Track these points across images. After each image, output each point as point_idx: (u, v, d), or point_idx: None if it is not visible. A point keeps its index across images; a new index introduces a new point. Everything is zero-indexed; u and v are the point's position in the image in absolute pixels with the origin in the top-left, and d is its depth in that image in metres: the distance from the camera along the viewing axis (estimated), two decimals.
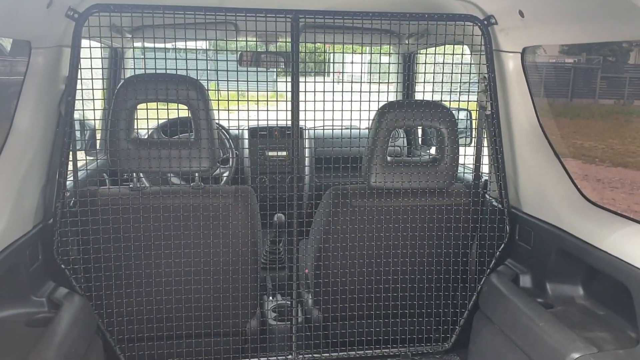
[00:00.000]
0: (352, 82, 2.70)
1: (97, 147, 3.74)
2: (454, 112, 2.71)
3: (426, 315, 2.87)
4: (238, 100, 2.94)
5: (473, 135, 3.08)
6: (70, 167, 2.54)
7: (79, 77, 2.42)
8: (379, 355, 2.84)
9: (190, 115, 2.54)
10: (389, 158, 2.67)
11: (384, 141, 2.64)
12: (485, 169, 2.97)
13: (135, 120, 2.52)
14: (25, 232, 2.33)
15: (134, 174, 2.57)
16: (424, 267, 2.79)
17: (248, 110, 2.58)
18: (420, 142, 4.54)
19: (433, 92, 2.79)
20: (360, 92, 2.59)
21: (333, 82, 2.67)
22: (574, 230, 2.42)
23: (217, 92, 2.84)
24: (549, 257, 2.57)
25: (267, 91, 2.59)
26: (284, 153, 4.21)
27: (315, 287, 2.78)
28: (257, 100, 2.55)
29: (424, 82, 2.72)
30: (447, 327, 2.88)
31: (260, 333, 2.86)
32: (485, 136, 2.89)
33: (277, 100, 2.67)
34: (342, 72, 3.36)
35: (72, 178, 2.55)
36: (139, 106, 2.48)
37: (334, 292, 2.76)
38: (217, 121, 3.73)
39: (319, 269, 2.74)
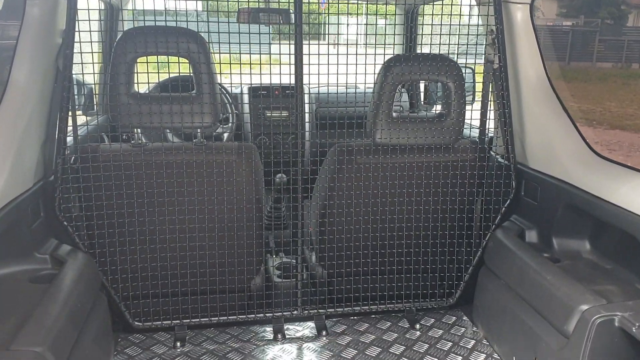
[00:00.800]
0: (355, 43, 2.62)
1: (95, 105, 3.67)
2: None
3: (431, 271, 2.86)
4: (231, 63, 2.86)
5: (476, 92, 3.03)
6: (69, 123, 2.49)
7: (76, 29, 2.35)
8: (383, 310, 2.85)
9: (191, 70, 2.48)
10: (394, 114, 2.63)
11: (390, 96, 2.59)
12: (490, 124, 2.93)
13: (135, 75, 2.46)
14: (26, 189, 2.29)
15: (135, 131, 2.51)
16: (429, 223, 2.77)
17: (251, 71, 2.52)
18: (422, 101, 4.49)
19: (440, 45, 2.72)
20: (365, 53, 2.53)
21: (328, 44, 2.59)
22: (583, 184, 2.40)
23: (213, 46, 2.76)
24: (556, 212, 2.55)
25: (269, 53, 2.53)
26: (285, 113, 4.15)
27: (320, 244, 2.77)
28: (260, 63, 2.49)
29: (431, 34, 2.63)
30: (451, 283, 2.88)
31: (265, 290, 2.85)
32: (491, 91, 2.84)
33: (280, 63, 2.59)
34: (338, 34, 3.27)
35: (71, 135, 2.50)
36: (138, 62, 2.41)
37: (338, 249, 2.74)
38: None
39: (324, 226, 2.72)
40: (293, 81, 2.61)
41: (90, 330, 2.20)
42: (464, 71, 2.68)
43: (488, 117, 2.87)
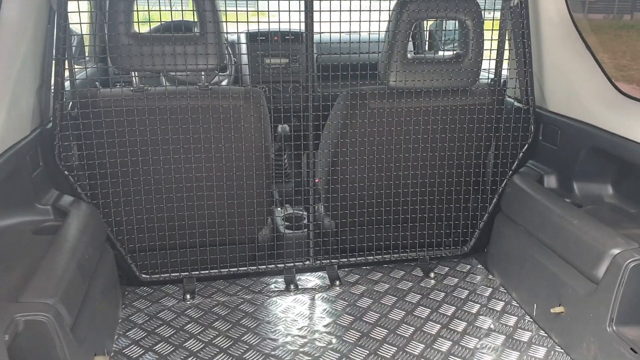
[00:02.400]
0: None
1: (87, 53, 3.49)
2: None
3: (445, 219, 2.78)
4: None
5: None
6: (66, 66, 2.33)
7: None
8: (396, 259, 2.77)
9: (194, 6, 2.32)
10: (409, 55, 2.49)
11: (405, 36, 2.45)
12: (506, 66, 2.80)
13: (136, 13, 2.30)
14: (24, 136, 2.15)
15: (134, 75, 2.36)
16: (444, 170, 2.67)
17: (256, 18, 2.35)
18: (427, 46, 4.32)
19: None
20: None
21: None
22: (608, 126, 2.30)
23: None
24: (578, 156, 2.46)
25: None
26: (285, 60, 3.97)
27: (329, 193, 2.66)
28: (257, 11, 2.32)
29: None
30: (465, 230, 2.80)
31: (272, 241, 2.76)
32: (509, 29, 2.70)
33: (279, 10, 2.41)
34: None
35: (67, 80, 2.35)
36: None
37: (351, 198, 2.64)
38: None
39: (336, 174, 2.61)
40: (295, 27, 2.45)
41: (98, 283, 2.10)
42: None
43: (504, 58, 2.75)
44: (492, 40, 2.68)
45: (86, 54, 3.61)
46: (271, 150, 2.60)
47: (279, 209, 3.16)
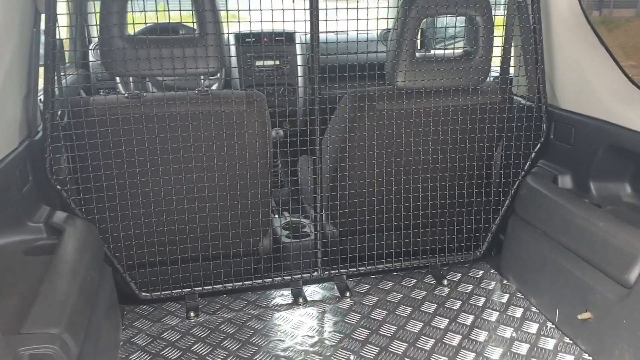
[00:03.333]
0: None
1: (67, 59, 3.32)
2: None
3: (457, 223, 2.68)
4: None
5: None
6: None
7: None
8: (406, 267, 2.66)
9: (193, 6, 2.18)
10: (417, 54, 2.39)
11: (413, 34, 2.34)
12: (513, 63, 2.72)
13: (131, 14, 2.15)
14: (12, 149, 1.99)
15: (118, 81, 2.22)
16: (454, 172, 2.57)
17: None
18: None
19: None
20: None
21: None
22: (627, 122, 2.22)
23: None
24: (594, 155, 2.37)
25: None
26: (277, 62, 3.84)
27: (333, 200, 2.53)
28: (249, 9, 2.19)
29: None
30: (478, 234, 2.70)
31: (276, 252, 2.63)
32: (516, 25, 2.61)
33: (272, 9, 2.27)
34: None
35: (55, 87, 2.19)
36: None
37: (359, 204, 2.52)
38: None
39: (342, 179, 2.49)
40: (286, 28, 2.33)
41: (100, 305, 1.94)
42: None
43: (511, 55, 2.66)
44: (502, 36, 2.60)
45: (66, 60, 3.44)
46: (271, 157, 2.47)
47: (276, 216, 3.03)
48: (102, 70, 3.41)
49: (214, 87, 3.48)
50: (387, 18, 3.94)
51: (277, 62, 3.80)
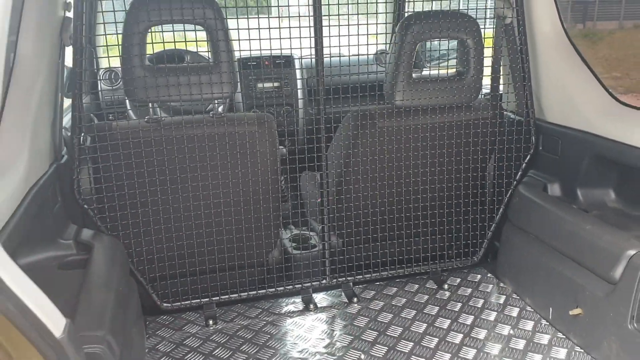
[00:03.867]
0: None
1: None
2: None
3: (455, 230, 2.86)
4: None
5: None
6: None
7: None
8: (410, 273, 2.84)
9: (207, 37, 2.37)
10: (414, 75, 2.58)
11: (409, 56, 2.54)
12: (502, 81, 2.92)
13: (151, 46, 2.34)
14: (44, 171, 2.16)
15: (128, 106, 2.40)
16: (452, 183, 2.76)
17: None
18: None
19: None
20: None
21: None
22: (609, 134, 2.42)
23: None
24: (580, 164, 2.57)
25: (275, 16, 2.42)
26: (276, 84, 4.03)
27: (345, 211, 2.71)
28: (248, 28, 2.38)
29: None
30: (475, 241, 2.88)
31: (286, 262, 2.80)
32: (504, 46, 2.82)
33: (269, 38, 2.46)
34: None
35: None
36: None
37: (363, 215, 2.70)
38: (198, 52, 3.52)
39: (347, 193, 2.67)
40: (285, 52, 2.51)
41: (129, 314, 2.11)
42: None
43: (500, 73, 2.87)
44: (491, 57, 2.81)
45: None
46: (280, 174, 2.65)
47: (283, 230, 3.20)
48: (111, 96, 3.61)
49: (220, 109, 3.68)
50: (376, 43, 4.17)
51: (278, 84, 4.00)
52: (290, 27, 2.41)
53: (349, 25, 2.48)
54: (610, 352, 2.12)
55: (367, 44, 2.51)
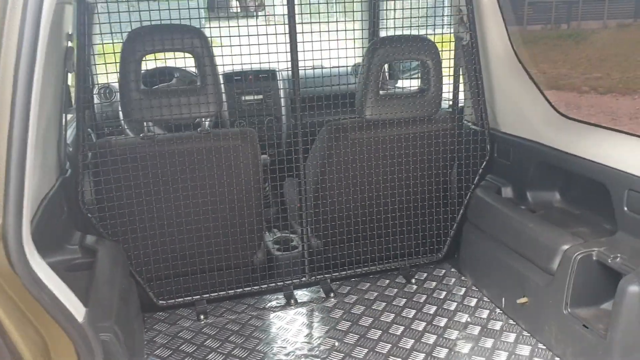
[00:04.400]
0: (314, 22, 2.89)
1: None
2: None
3: (421, 230, 3.17)
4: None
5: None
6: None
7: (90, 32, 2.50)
8: (381, 270, 3.15)
9: (195, 62, 2.66)
10: (381, 92, 2.89)
11: (377, 75, 2.85)
12: (461, 96, 3.24)
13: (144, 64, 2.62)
14: (52, 184, 2.44)
15: (143, 123, 2.68)
16: (417, 188, 3.07)
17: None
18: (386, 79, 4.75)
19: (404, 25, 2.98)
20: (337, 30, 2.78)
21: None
22: (552, 143, 2.74)
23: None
24: (529, 169, 2.89)
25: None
26: (260, 96, 4.33)
27: (315, 216, 3.01)
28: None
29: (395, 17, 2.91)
30: (439, 239, 3.20)
31: (269, 262, 3.09)
32: (462, 65, 3.14)
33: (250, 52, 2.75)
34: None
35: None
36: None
37: (334, 219, 3.01)
38: (185, 68, 3.80)
39: (324, 198, 2.97)
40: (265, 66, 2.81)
41: (131, 309, 2.40)
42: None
43: (459, 90, 3.19)
44: (450, 75, 3.13)
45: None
46: (262, 182, 2.95)
47: (267, 233, 3.50)
48: (107, 111, 3.90)
49: (207, 124, 3.97)
50: (354, 56, 4.49)
51: (261, 97, 4.30)
52: (268, 43, 2.70)
53: (321, 40, 2.80)
54: (550, 335, 2.44)
55: (338, 57, 2.82)
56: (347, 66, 4.01)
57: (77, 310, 1.45)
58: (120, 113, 3.61)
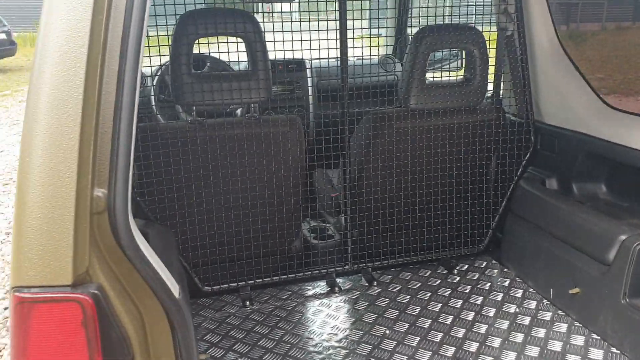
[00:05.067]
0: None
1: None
2: None
3: (463, 221, 3.16)
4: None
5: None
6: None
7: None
8: (423, 260, 3.14)
9: (245, 47, 2.64)
10: (426, 80, 2.88)
11: (423, 64, 2.84)
12: (505, 87, 3.24)
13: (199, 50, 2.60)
14: None
15: (192, 107, 2.66)
16: (460, 179, 3.06)
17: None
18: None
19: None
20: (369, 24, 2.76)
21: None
22: (601, 134, 2.74)
23: None
24: (575, 161, 2.89)
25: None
26: (290, 86, 4.32)
27: (366, 203, 3.00)
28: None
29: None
30: (481, 231, 3.19)
31: (303, 250, 3.08)
32: (505, 56, 3.14)
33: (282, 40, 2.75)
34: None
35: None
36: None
37: (379, 208, 2.99)
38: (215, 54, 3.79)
39: (368, 187, 2.96)
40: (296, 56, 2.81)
41: (184, 291, 2.37)
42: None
43: (501, 80, 3.19)
44: (494, 65, 3.12)
45: None
46: (307, 169, 2.94)
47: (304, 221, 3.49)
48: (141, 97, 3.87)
49: (239, 111, 3.95)
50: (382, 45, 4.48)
51: (291, 87, 4.29)
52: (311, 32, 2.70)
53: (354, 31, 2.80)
54: (606, 325, 2.43)
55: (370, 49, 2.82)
56: (370, 57, 4.00)
57: (174, 286, 1.44)
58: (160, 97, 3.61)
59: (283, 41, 2.72)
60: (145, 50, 2.59)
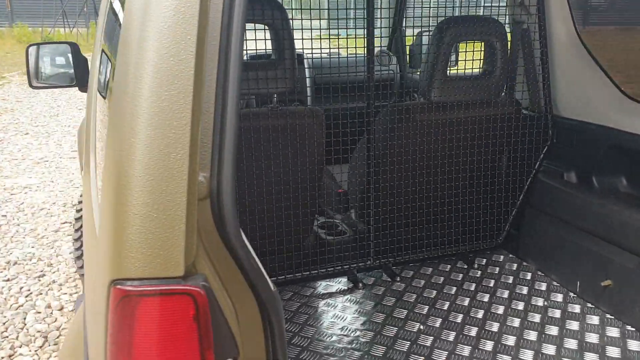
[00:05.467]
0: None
1: None
2: None
3: (482, 215, 3.13)
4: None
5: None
6: None
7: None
8: (441, 254, 3.09)
9: (271, 35, 2.55)
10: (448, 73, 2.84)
11: (446, 56, 2.79)
12: (519, 80, 3.23)
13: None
14: None
15: None
16: (480, 172, 3.03)
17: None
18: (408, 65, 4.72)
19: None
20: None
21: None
22: (623, 126, 2.75)
23: None
24: (595, 154, 2.89)
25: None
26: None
27: (383, 198, 2.93)
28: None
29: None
30: (499, 225, 3.17)
31: (338, 244, 3.00)
32: (520, 49, 3.13)
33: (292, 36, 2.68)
34: None
35: None
36: None
37: (397, 202, 2.93)
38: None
39: (386, 182, 2.89)
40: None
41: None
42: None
43: (517, 74, 3.17)
44: (511, 58, 3.11)
45: None
46: (324, 163, 2.85)
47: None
48: None
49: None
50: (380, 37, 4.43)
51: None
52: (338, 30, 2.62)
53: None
54: None
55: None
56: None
57: (269, 278, 1.33)
58: None
59: (311, 29, 2.64)
60: None
